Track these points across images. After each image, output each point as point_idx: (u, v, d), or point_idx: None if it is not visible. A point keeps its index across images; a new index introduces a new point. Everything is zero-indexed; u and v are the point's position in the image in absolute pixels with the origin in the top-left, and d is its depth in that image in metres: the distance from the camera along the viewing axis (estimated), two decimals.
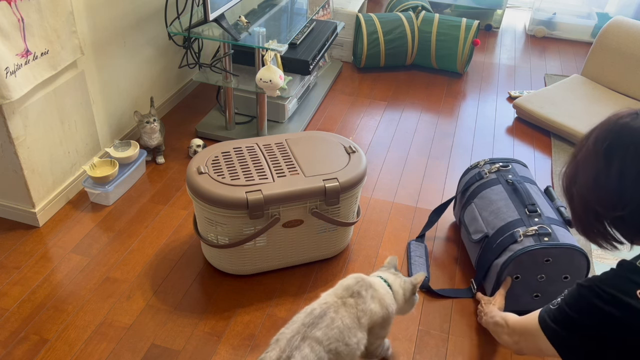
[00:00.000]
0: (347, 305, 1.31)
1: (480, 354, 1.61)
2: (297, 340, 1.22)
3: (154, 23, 2.41)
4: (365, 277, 1.39)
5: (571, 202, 1.12)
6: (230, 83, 2.39)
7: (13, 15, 1.64)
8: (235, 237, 1.69)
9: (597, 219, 1.07)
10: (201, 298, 1.74)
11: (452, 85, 3.11)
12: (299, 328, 1.25)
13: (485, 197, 1.85)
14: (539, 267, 1.61)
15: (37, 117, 1.86)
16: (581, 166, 1.08)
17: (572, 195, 1.11)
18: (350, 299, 1.32)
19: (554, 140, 2.63)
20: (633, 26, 2.84)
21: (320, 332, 1.24)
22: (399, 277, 1.47)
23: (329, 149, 1.85)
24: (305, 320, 1.26)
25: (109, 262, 1.84)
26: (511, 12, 4.25)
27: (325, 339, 1.24)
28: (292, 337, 1.23)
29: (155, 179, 2.24)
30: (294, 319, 1.29)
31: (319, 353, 1.22)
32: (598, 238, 1.10)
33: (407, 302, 1.45)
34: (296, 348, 1.20)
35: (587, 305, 1.05)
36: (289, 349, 1.20)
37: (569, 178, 1.12)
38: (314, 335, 1.23)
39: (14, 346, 1.56)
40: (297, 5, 2.69)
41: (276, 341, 1.24)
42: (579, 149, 1.10)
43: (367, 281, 1.38)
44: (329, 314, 1.28)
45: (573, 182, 1.10)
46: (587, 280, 1.08)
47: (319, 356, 1.22)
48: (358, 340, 1.30)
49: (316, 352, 1.21)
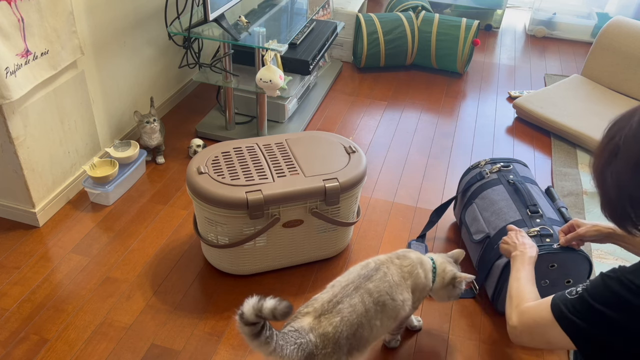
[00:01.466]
0: (395, 265, 1.42)
1: (480, 354, 1.61)
2: (350, 288, 1.31)
3: (154, 23, 2.41)
4: (413, 250, 1.52)
5: (603, 184, 1.06)
6: (230, 83, 2.39)
7: (13, 15, 1.64)
8: (235, 237, 1.69)
9: (631, 203, 1.01)
10: (201, 298, 1.74)
11: (452, 85, 3.11)
12: (354, 278, 1.35)
13: (486, 197, 1.85)
14: (543, 272, 1.60)
15: (37, 117, 1.86)
16: (622, 147, 1.01)
17: (605, 178, 1.04)
18: (396, 260, 1.44)
19: (554, 140, 2.63)
20: (633, 26, 2.84)
21: (372, 285, 1.34)
22: (448, 265, 1.52)
23: (329, 149, 1.85)
24: (361, 272, 1.37)
25: (109, 262, 1.84)
26: (511, 12, 4.25)
27: (376, 291, 1.33)
28: (346, 285, 1.32)
29: (155, 179, 2.24)
30: (350, 270, 1.40)
31: (368, 304, 1.31)
32: (627, 223, 1.04)
33: (443, 288, 1.50)
34: (347, 296, 1.30)
35: (614, 297, 1.02)
36: (341, 295, 1.30)
37: (604, 159, 1.05)
38: (366, 287, 1.33)
39: (14, 346, 1.56)
40: (297, 5, 2.69)
41: (331, 286, 1.34)
42: (619, 129, 1.03)
43: (415, 252, 1.50)
44: (382, 268, 1.38)
45: (608, 164, 1.04)
46: (613, 271, 1.05)
47: (366, 307, 1.30)
48: (404, 299, 1.39)
49: (365, 303, 1.30)
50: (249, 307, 1.10)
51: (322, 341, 1.23)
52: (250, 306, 1.10)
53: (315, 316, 1.26)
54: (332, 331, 1.24)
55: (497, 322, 1.71)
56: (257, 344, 1.15)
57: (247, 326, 1.12)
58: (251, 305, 1.10)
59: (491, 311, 1.74)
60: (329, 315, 1.26)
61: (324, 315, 1.26)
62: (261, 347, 1.15)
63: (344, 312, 1.27)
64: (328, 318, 1.25)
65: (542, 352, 1.63)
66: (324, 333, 1.23)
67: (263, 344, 1.15)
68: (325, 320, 1.25)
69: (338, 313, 1.26)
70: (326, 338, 1.23)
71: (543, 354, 1.62)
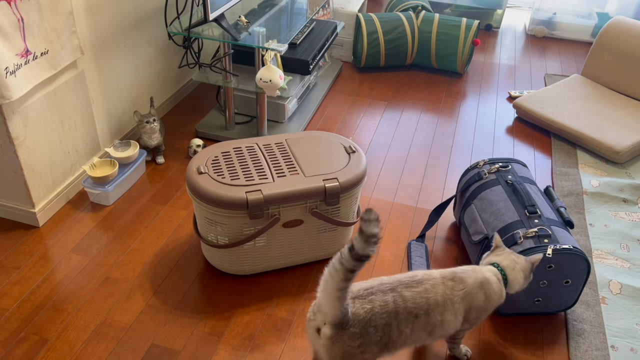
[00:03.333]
0: (445, 286, 1.38)
1: (480, 354, 1.61)
2: (386, 287, 1.33)
3: (154, 23, 2.41)
4: (476, 268, 1.45)
5: None
6: (230, 83, 2.39)
7: (13, 15, 1.64)
8: (235, 237, 1.69)
9: None
10: (201, 298, 1.74)
11: (452, 85, 3.11)
12: (393, 281, 1.35)
13: (485, 198, 1.85)
14: (541, 273, 1.61)
15: (37, 117, 1.86)
16: None
17: None
18: (449, 282, 1.39)
19: (554, 140, 2.63)
20: (633, 26, 2.84)
21: (409, 294, 1.33)
22: (519, 261, 1.48)
23: (329, 149, 1.85)
24: (403, 279, 1.36)
25: (108, 262, 1.84)
26: (511, 12, 4.24)
27: (411, 301, 1.32)
28: (384, 283, 1.34)
29: (155, 179, 2.24)
30: (395, 275, 1.39)
31: (398, 307, 1.30)
32: None
33: (525, 280, 1.49)
34: (381, 291, 1.31)
35: None
36: (376, 288, 1.32)
37: None
38: (402, 292, 1.33)
39: (14, 346, 1.56)
40: (297, 5, 2.69)
41: (372, 280, 1.36)
42: None
43: (476, 272, 1.43)
44: (426, 284, 1.36)
45: None
46: None
47: (397, 309, 1.30)
48: (443, 320, 1.37)
49: (396, 304, 1.30)
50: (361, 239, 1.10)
51: (353, 319, 1.25)
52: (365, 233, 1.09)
53: (352, 297, 1.29)
54: (363, 314, 1.26)
55: (497, 322, 1.71)
56: (345, 285, 1.17)
57: (356, 261, 1.12)
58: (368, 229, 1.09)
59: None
60: (363, 301, 1.29)
61: (358, 300, 1.29)
62: (342, 289, 1.18)
63: (376, 303, 1.29)
64: (362, 303, 1.28)
65: (542, 352, 1.63)
66: (356, 313, 1.26)
67: (345, 288, 1.18)
68: (359, 304, 1.28)
69: (370, 302, 1.29)
70: (357, 318, 1.26)
71: (543, 354, 1.62)
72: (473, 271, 1.43)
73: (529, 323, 1.72)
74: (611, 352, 1.64)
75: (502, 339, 1.66)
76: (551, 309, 1.72)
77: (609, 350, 1.64)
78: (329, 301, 1.22)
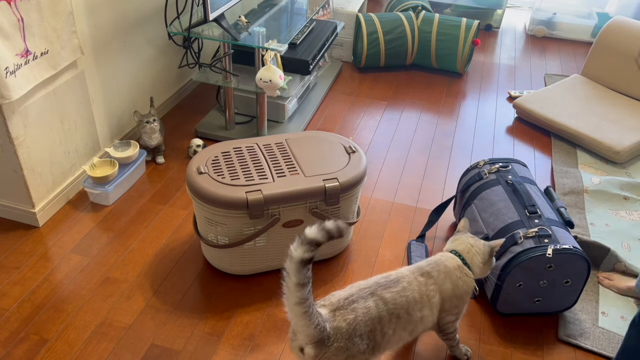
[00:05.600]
0: (419, 282, 1.40)
1: (480, 354, 1.61)
2: (366, 292, 1.33)
3: (154, 23, 2.41)
4: (438, 259, 1.46)
5: None
6: (230, 83, 2.39)
7: (13, 15, 1.64)
8: (235, 237, 1.69)
9: None
10: (201, 298, 1.74)
11: (452, 85, 3.11)
12: (371, 284, 1.36)
13: (485, 198, 1.85)
14: (541, 273, 1.61)
15: (37, 117, 1.86)
16: None
17: None
18: (420, 277, 1.41)
19: (554, 140, 2.63)
20: (633, 26, 2.84)
21: (389, 295, 1.34)
22: (475, 244, 1.49)
23: (329, 149, 1.85)
24: (380, 281, 1.37)
25: (108, 262, 1.84)
26: (511, 12, 4.25)
27: (392, 302, 1.33)
28: (363, 288, 1.34)
29: (155, 179, 2.24)
30: (371, 278, 1.39)
31: (381, 311, 1.31)
32: None
33: (485, 265, 1.49)
34: (362, 298, 1.31)
35: None
36: (357, 295, 1.32)
37: None
38: (382, 295, 1.33)
39: (14, 346, 1.56)
40: (297, 5, 2.69)
41: (350, 287, 1.36)
42: None
43: (440, 265, 1.45)
44: (402, 282, 1.38)
45: None
46: None
47: (380, 313, 1.31)
48: (423, 316, 1.39)
49: (379, 309, 1.31)
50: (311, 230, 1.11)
51: (335, 334, 1.24)
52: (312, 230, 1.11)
53: (331, 309, 1.28)
54: (345, 327, 1.26)
55: (497, 322, 1.71)
56: (300, 296, 1.15)
57: (302, 263, 1.12)
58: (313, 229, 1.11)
59: (491, 312, 1.74)
60: (344, 312, 1.28)
61: (339, 311, 1.28)
62: (301, 303, 1.16)
63: (359, 311, 1.28)
64: (343, 314, 1.27)
65: (542, 352, 1.63)
66: (337, 327, 1.25)
67: (304, 301, 1.16)
68: (340, 316, 1.27)
69: (353, 311, 1.28)
70: (339, 332, 1.25)
71: (543, 354, 1.62)
72: (436, 263, 1.45)
73: (529, 323, 1.72)
74: (601, 317, 1.74)
75: (502, 339, 1.66)
76: (551, 309, 1.72)
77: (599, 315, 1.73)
78: (295, 319, 1.20)
